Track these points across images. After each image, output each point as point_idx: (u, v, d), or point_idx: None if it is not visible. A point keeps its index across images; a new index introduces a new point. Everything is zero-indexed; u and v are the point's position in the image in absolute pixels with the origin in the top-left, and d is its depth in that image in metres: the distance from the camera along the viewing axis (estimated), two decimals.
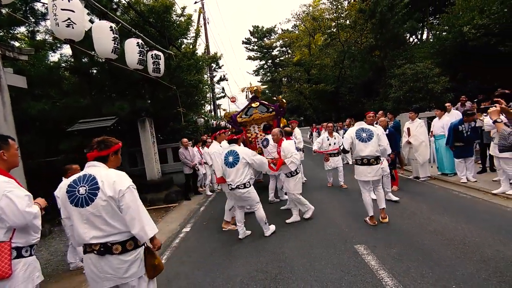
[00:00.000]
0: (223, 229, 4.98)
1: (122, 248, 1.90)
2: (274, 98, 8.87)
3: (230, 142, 4.53)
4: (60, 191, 1.98)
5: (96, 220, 1.87)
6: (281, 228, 4.67)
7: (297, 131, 7.76)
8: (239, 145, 4.60)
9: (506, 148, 2.34)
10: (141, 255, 2.00)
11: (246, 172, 4.25)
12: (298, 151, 5.56)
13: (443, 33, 13.51)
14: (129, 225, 1.90)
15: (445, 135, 6.66)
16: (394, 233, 3.95)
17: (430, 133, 7.24)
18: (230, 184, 4.30)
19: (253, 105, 7.43)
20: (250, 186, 4.28)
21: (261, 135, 7.04)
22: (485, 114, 5.05)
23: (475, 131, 6.01)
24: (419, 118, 7.02)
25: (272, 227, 4.52)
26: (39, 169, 6.62)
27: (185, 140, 8.09)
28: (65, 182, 1.98)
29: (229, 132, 6.46)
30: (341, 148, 4.73)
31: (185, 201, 7.82)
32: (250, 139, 7.38)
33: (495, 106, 2.55)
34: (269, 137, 5.81)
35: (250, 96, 7.62)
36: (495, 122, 2.52)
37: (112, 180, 1.90)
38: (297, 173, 4.69)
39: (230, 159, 4.29)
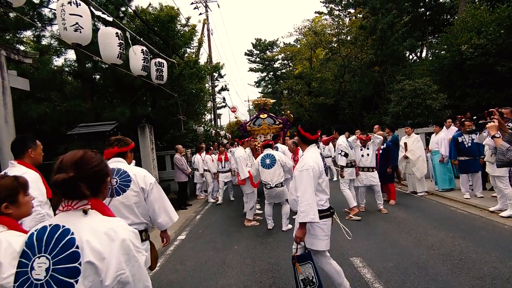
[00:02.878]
0: (245, 225, 5.49)
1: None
2: (283, 112, 9.28)
3: (265, 146, 5.16)
4: None
5: (125, 210, 2.04)
6: (276, 237, 4.64)
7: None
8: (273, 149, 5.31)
9: (504, 164, 2.36)
10: (149, 247, 2.16)
11: (282, 173, 4.89)
12: None
13: (442, 52, 13.80)
14: (156, 213, 2.15)
15: (440, 151, 6.68)
16: (390, 247, 3.92)
17: (426, 148, 7.26)
18: (269, 184, 4.86)
19: (261, 116, 7.78)
20: (284, 185, 4.97)
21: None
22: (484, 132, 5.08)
23: (477, 143, 5.71)
24: (416, 134, 7.07)
25: (290, 226, 4.86)
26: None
27: (180, 146, 8.07)
28: None
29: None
30: (343, 154, 5.49)
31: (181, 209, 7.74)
32: (256, 147, 7.53)
33: (493, 122, 2.59)
34: (278, 145, 6.27)
35: (252, 107, 7.95)
36: (493, 137, 2.54)
37: (143, 174, 2.17)
38: None
39: (267, 161, 4.84)
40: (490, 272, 3.04)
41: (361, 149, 5.80)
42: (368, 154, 5.70)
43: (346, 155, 5.52)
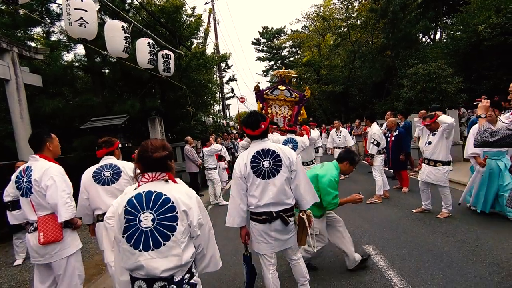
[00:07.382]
0: None
1: None
2: (302, 87, 9.13)
3: (289, 131, 5.39)
4: (85, 175, 2.70)
5: (119, 193, 2.29)
6: None
7: (313, 134, 7.69)
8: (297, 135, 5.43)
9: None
10: None
11: (302, 156, 5.33)
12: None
13: (457, 33, 13.23)
14: None
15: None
16: (403, 234, 3.88)
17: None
18: None
19: (280, 87, 7.63)
20: (315, 162, 5.92)
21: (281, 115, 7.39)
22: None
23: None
24: None
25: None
26: None
27: (190, 138, 8.11)
28: (90, 169, 2.72)
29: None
30: (375, 143, 5.52)
31: None
32: (269, 115, 7.36)
33: (486, 102, 2.55)
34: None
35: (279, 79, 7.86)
36: (479, 117, 2.50)
37: (129, 166, 2.76)
38: (312, 163, 5.95)
39: (290, 146, 4.91)
40: (508, 258, 2.98)
41: (428, 135, 4.43)
42: (429, 142, 4.33)
43: (378, 144, 5.55)
